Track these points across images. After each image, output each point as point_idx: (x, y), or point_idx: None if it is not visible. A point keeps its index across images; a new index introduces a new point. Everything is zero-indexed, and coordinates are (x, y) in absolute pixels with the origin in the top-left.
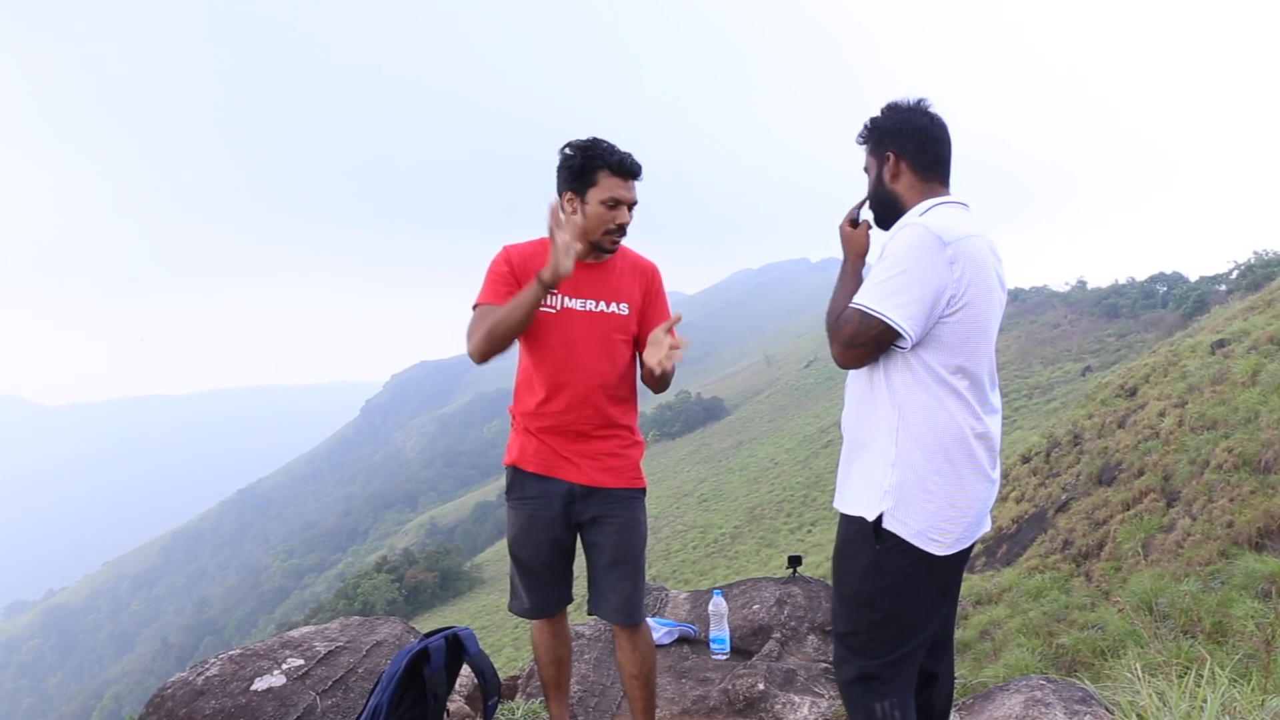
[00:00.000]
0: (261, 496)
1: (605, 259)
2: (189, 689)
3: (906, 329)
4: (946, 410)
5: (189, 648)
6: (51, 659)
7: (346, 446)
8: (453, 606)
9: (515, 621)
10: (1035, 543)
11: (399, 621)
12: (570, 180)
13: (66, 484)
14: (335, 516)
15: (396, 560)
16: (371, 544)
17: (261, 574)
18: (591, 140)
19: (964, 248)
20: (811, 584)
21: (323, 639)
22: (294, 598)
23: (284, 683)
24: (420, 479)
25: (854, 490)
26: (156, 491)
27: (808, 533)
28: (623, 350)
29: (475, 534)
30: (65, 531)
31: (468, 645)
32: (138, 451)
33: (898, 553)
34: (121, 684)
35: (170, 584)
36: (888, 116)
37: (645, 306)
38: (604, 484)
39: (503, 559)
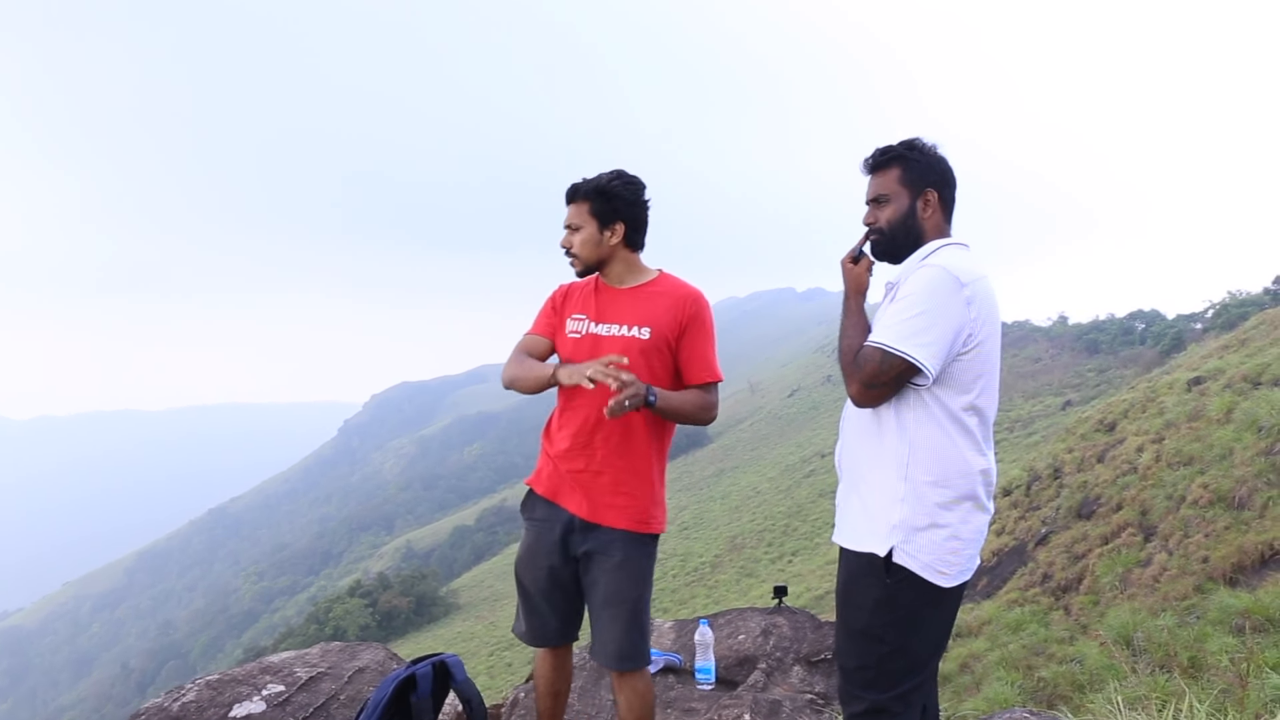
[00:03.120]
0: (233, 516)
1: (640, 284)
2: (164, 715)
3: (929, 367)
4: (956, 446)
5: (150, 672)
6: (2, 684)
7: (323, 467)
8: (427, 633)
9: (490, 649)
10: (1015, 575)
11: (381, 648)
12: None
13: (29, 499)
14: (309, 538)
15: (371, 584)
16: (345, 567)
17: (230, 596)
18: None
19: (979, 289)
20: (797, 615)
21: (303, 665)
22: (263, 621)
23: (264, 709)
24: (397, 501)
25: (858, 525)
26: (124, 509)
27: (788, 563)
28: (645, 375)
29: (452, 559)
30: (24, 549)
31: (454, 672)
32: (106, 468)
33: (907, 586)
34: (77, 710)
35: (134, 606)
36: (927, 154)
37: (680, 334)
38: (604, 521)
39: (479, 585)
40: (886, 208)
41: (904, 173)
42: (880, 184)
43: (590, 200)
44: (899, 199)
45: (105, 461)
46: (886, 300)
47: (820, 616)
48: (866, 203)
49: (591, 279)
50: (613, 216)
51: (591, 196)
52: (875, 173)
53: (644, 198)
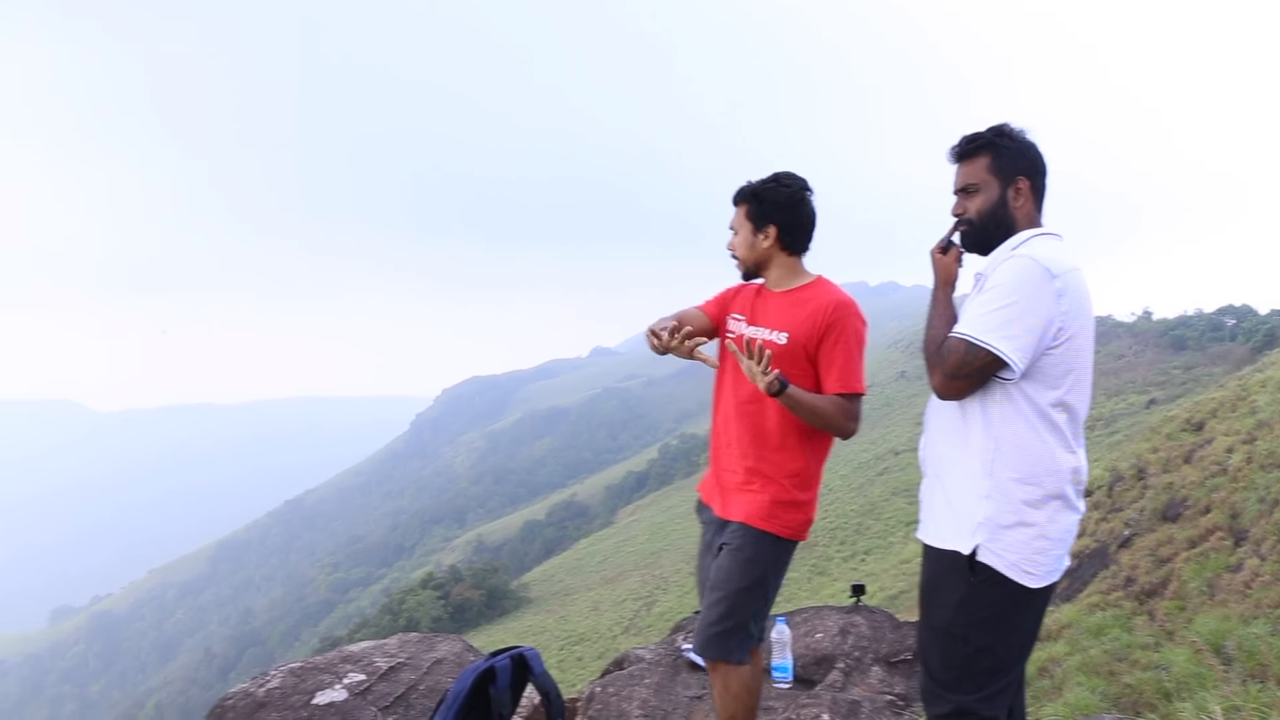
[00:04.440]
0: (309, 508)
1: (792, 288)
2: (250, 700)
3: (1015, 361)
4: (1045, 443)
5: (231, 658)
6: (95, 665)
7: (395, 460)
8: (499, 625)
9: (561, 643)
10: (1096, 579)
11: (458, 639)
12: None
13: (117, 490)
14: (382, 531)
15: (443, 577)
16: (418, 559)
17: (306, 586)
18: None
19: (1071, 281)
20: (875, 614)
21: (383, 654)
22: (338, 611)
23: (345, 697)
24: (468, 495)
25: (942, 522)
26: (204, 499)
27: (861, 561)
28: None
29: (523, 553)
30: (115, 537)
31: (533, 665)
32: (186, 459)
33: (992, 586)
34: (164, 693)
35: (215, 594)
36: (1017, 140)
37: (818, 342)
38: (730, 517)
39: (550, 579)
40: (975, 197)
41: (993, 160)
42: (968, 173)
43: (747, 203)
44: (989, 188)
45: (186, 453)
46: (975, 291)
47: (899, 616)
48: (954, 192)
49: (744, 291)
50: (765, 219)
51: (748, 199)
52: (963, 161)
53: (801, 201)
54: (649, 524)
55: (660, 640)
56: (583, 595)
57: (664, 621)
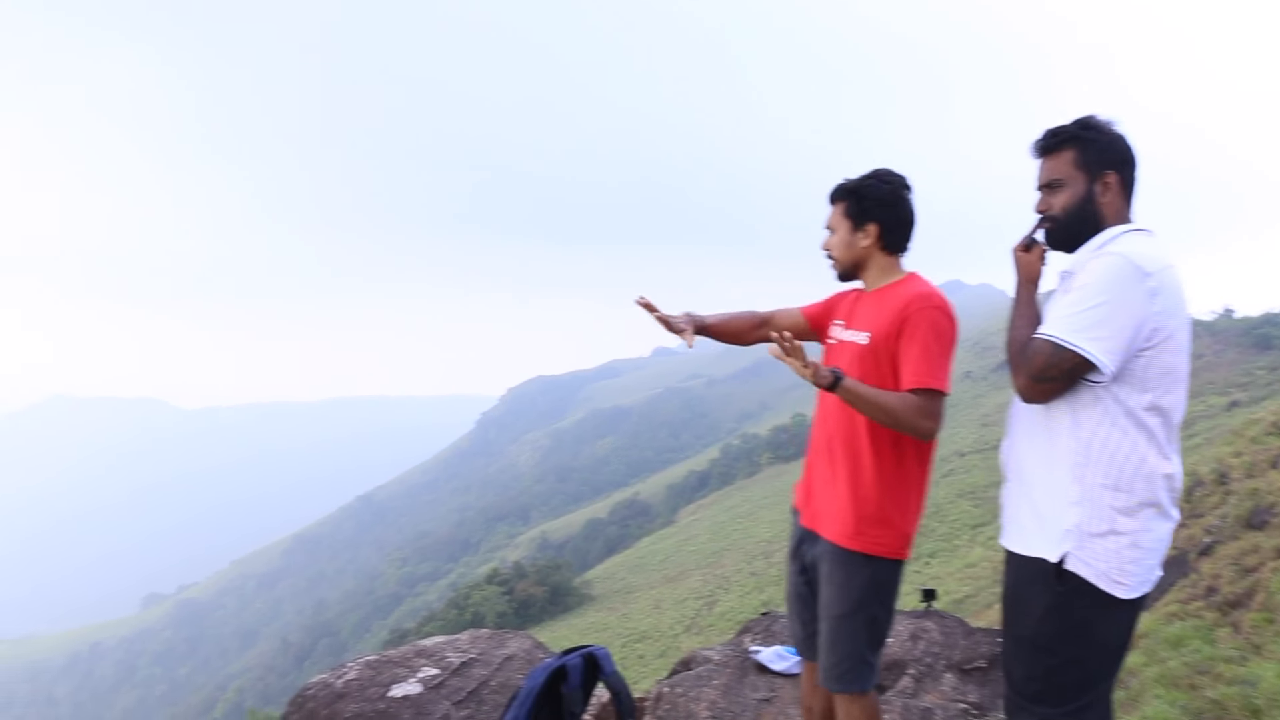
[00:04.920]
0: (379, 504)
1: (884, 285)
2: (329, 691)
3: (1105, 363)
4: (1137, 448)
5: (307, 647)
6: (182, 650)
7: (462, 458)
8: (561, 622)
9: (623, 640)
10: (1175, 587)
11: (527, 637)
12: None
13: (202, 486)
14: (449, 527)
15: (507, 573)
16: (483, 555)
17: (376, 580)
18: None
19: (1165, 279)
20: (947, 619)
21: (455, 650)
22: (407, 604)
23: (420, 691)
24: (532, 493)
25: (1027, 528)
26: (280, 495)
27: (925, 564)
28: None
29: (585, 550)
30: (198, 527)
31: (603, 665)
32: (264, 457)
33: (1080, 595)
34: (244, 678)
35: (291, 585)
36: (1104, 133)
37: (896, 338)
38: (817, 529)
39: (612, 577)
40: (1061, 193)
41: (1079, 154)
42: (1053, 168)
43: (844, 201)
44: (1074, 183)
45: (263, 451)
46: (1060, 290)
47: (970, 622)
48: (1037, 188)
49: (843, 300)
50: (866, 217)
51: (845, 197)
52: (1047, 156)
53: (902, 197)
54: (710, 523)
55: (727, 641)
56: (644, 593)
57: (725, 621)
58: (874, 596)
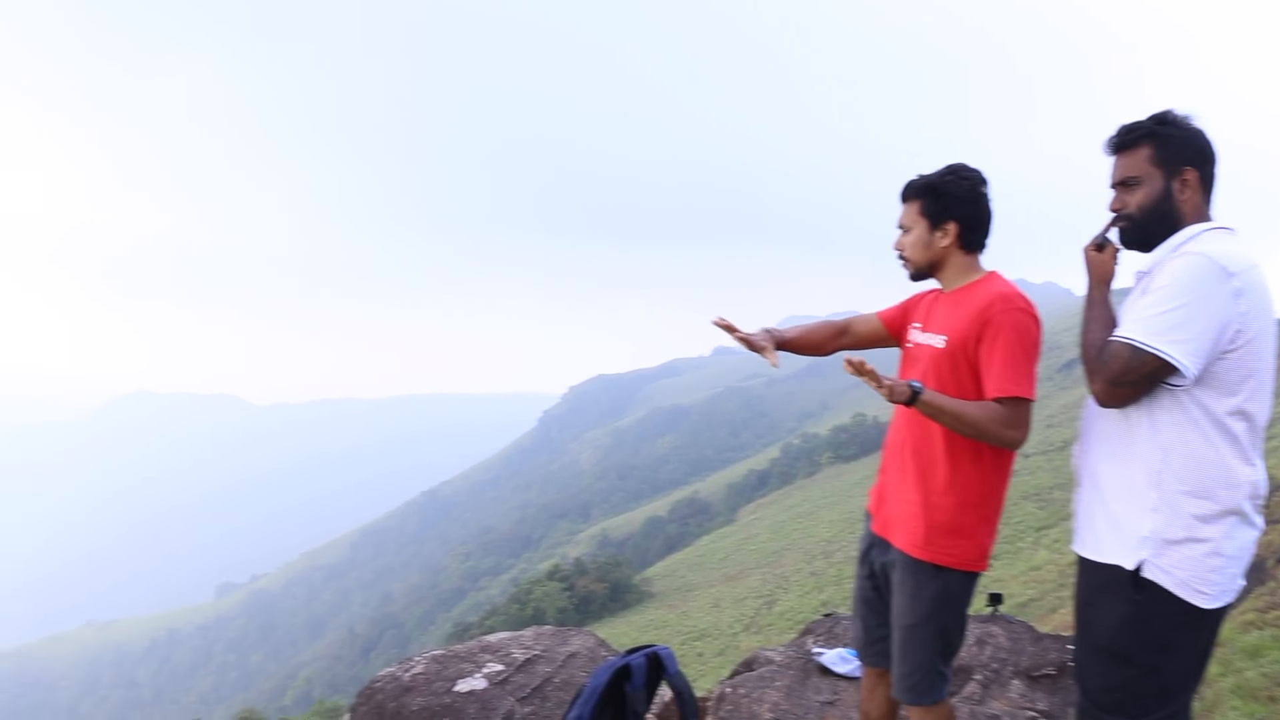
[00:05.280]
0: (443, 500)
1: (961, 286)
2: (397, 684)
3: (1187, 366)
4: (1219, 454)
5: (372, 638)
6: (254, 638)
7: (524, 455)
8: (621, 618)
9: (682, 638)
10: (1252, 595)
11: (590, 634)
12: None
13: (272, 478)
14: (511, 523)
15: (568, 569)
16: (544, 551)
17: (440, 574)
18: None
19: (1250, 279)
20: (1014, 624)
21: (519, 646)
22: (470, 599)
23: (485, 686)
24: (593, 490)
25: (1102, 535)
26: (347, 491)
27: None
28: (936, 387)
29: (645, 548)
30: (269, 519)
31: (667, 665)
32: (332, 452)
33: (1159, 604)
34: (313, 667)
35: (358, 577)
36: (1182, 128)
37: (976, 342)
38: (888, 537)
39: (671, 575)
40: (1137, 191)
41: (1156, 151)
42: (1128, 165)
43: (921, 199)
44: (1151, 181)
45: (331, 446)
46: (1137, 291)
47: (1038, 627)
48: (1112, 186)
49: (921, 301)
50: (944, 216)
51: (922, 194)
52: (1121, 152)
53: (981, 194)
54: (770, 522)
55: (790, 642)
56: (704, 592)
57: (784, 620)
58: (945, 607)
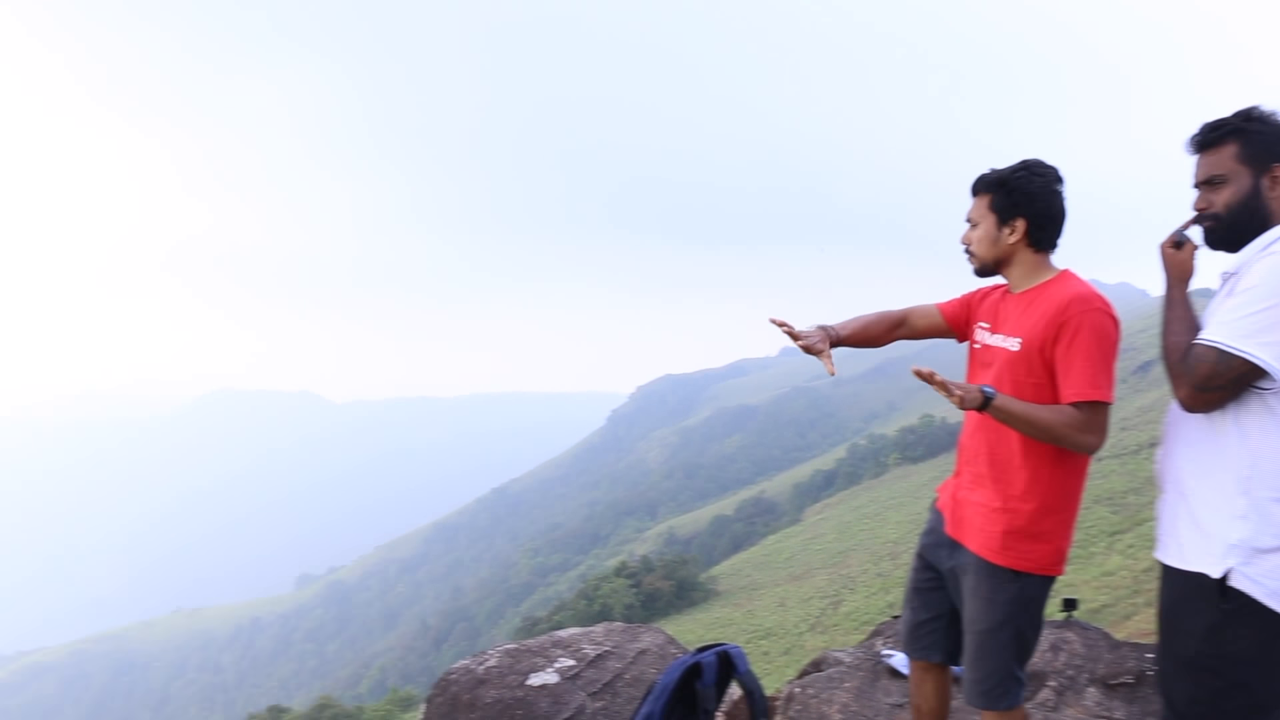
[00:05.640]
0: (513, 496)
1: (1032, 287)
2: (471, 677)
3: (1277, 369)
4: None
5: (444, 631)
6: (331, 628)
7: (592, 453)
8: (687, 616)
9: (747, 636)
10: None
11: (660, 631)
12: None
13: (349, 475)
14: (579, 520)
15: (635, 566)
16: (612, 549)
17: (510, 569)
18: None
19: None
20: (1089, 631)
21: (590, 642)
22: (538, 594)
23: (557, 681)
24: (660, 489)
25: (1187, 543)
26: (420, 489)
27: None
28: (1011, 390)
29: (712, 546)
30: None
31: (737, 663)
32: (408, 449)
33: (1248, 615)
34: (387, 657)
35: (430, 571)
36: (1270, 124)
37: (1052, 345)
38: (957, 537)
39: (737, 574)
40: (1223, 190)
41: (1243, 148)
42: (1213, 163)
43: (991, 193)
44: (1238, 179)
45: (406, 444)
46: (1223, 293)
47: (1113, 633)
48: (1195, 185)
49: (991, 293)
50: (1013, 212)
51: (993, 189)
52: (1205, 151)
53: (1054, 191)
54: (836, 523)
55: (859, 643)
56: (769, 591)
57: (850, 621)
58: (1021, 612)
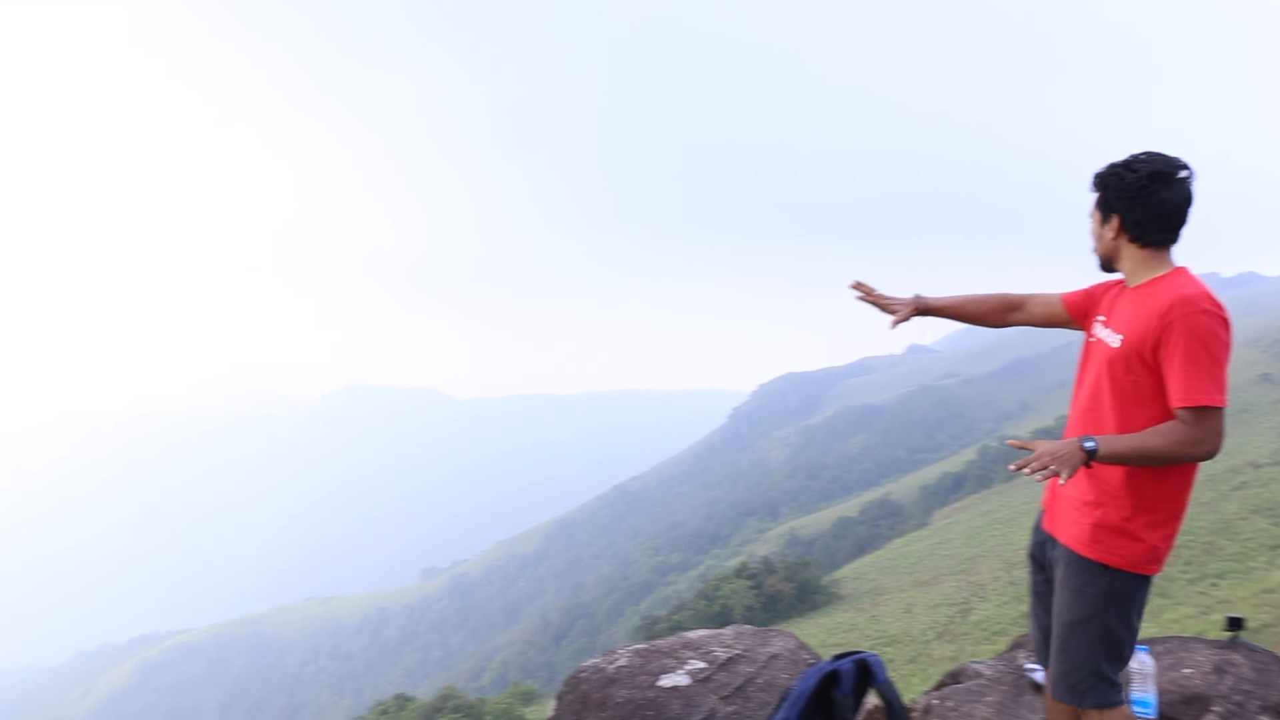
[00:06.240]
0: (633, 494)
1: (1144, 282)
2: (601, 676)
3: None
4: None
5: (564, 627)
6: (455, 620)
7: (713, 452)
8: (809, 619)
9: (871, 642)
10: None
11: (791, 636)
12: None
13: (471, 470)
14: (699, 519)
15: (756, 567)
16: (732, 549)
17: (630, 567)
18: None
19: None
20: (1259, 654)
21: (720, 644)
22: (658, 592)
23: (688, 683)
24: (782, 489)
25: None
26: (540, 486)
27: (1211, 585)
28: (1109, 387)
29: (834, 549)
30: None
31: (876, 672)
32: (527, 445)
33: None
34: (508, 651)
35: (551, 567)
36: None
37: (1155, 345)
38: (1051, 531)
39: (861, 577)
40: None
41: None
42: None
43: (1095, 189)
44: None
45: (525, 440)
46: None
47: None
48: None
49: (1108, 290)
50: (1109, 209)
51: (1095, 185)
52: None
53: (1146, 188)
54: (966, 528)
55: (999, 655)
56: (894, 596)
57: (980, 630)
58: (1110, 608)
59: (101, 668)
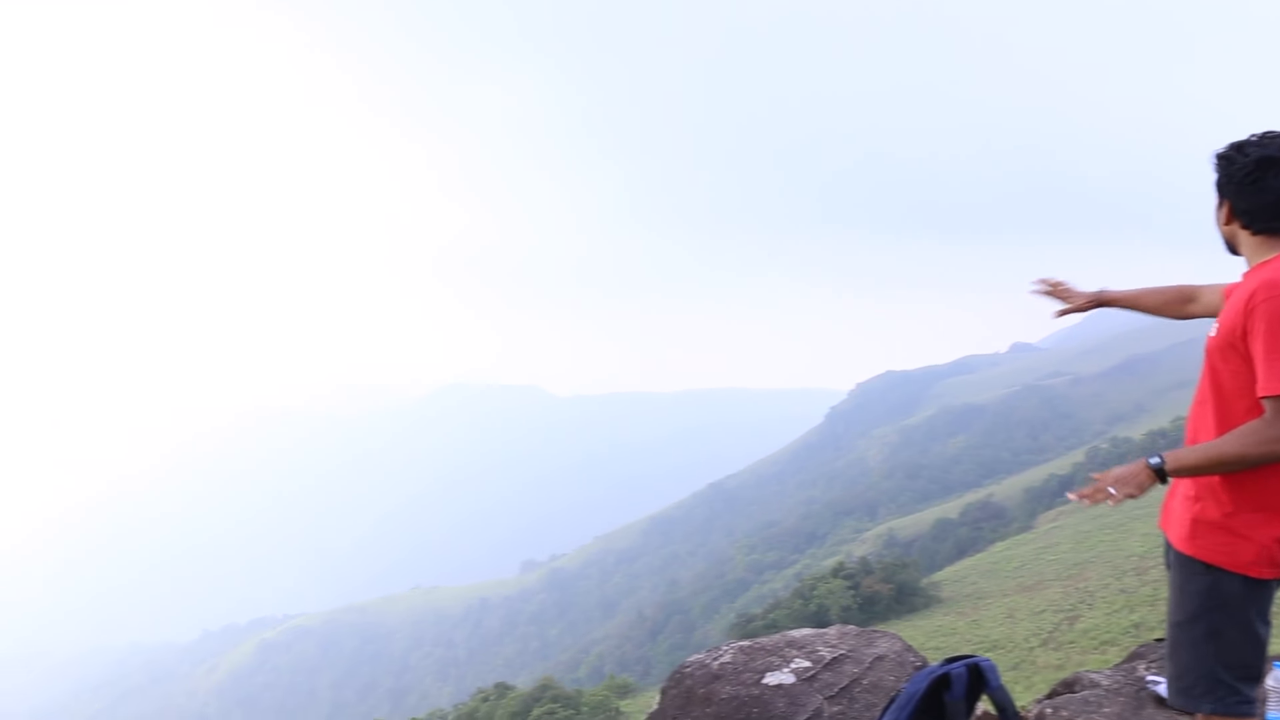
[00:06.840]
0: (729, 492)
1: (1248, 269)
2: (706, 671)
3: None
4: None
5: (660, 622)
6: (552, 613)
7: (810, 451)
8: (907, 622)
9: (972, 647)
10: None
11: (897, 638)
12: None
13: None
14: (795, 518)
15: (853, 568)
16: (829, 548)
17: (725, 564)
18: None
19: None
20: None
21: (824, 644)
22: (753, 590)
23: (793, 681)
24: (880, 489)
25: None
26: (637, 483)
27: None
28: (1210, 381)
29: (934, 550)
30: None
31: (989, 678)
32: (624, 442)
33: None
34: (604, 644)
35: (647, 563)
36: None
37: (1243, 334)
38: (1165, 530)
39: (962, 580)
40: None
41: None
42: None
43: (1214, 171)
44: None
45: (623, 437)
46: None
47: None
48: None
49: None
50: (1221, 194)
51: (1215, 169)
52: None
53: (1250, 174)
54: (1073, 532)
55: (1117, 665)
56: (996, 601)
57: (1088, 639)
58: (1216, 609)
59: (225, 646)
